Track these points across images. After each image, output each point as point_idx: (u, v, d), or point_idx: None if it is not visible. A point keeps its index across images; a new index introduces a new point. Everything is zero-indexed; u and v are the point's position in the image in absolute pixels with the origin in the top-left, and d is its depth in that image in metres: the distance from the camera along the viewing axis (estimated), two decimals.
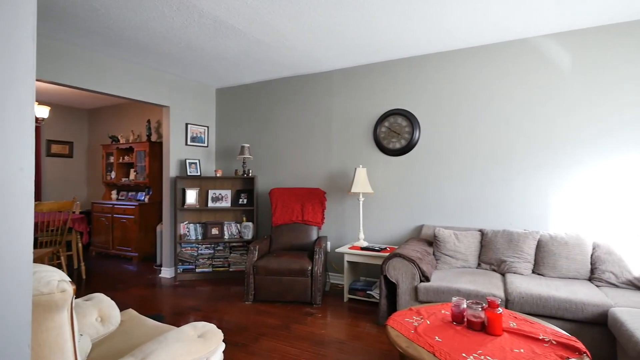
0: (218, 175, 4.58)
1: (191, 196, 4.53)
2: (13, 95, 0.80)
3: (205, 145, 5.01)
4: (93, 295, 1.93)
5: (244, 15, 2.89)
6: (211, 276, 4.45)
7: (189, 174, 4.54)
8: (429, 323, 1.94)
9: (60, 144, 6.53)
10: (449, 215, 3.63)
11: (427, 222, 3.73)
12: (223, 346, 1.66)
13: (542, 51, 3.22)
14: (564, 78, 3.16)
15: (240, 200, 4.63)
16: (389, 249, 3.58)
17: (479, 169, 3.50)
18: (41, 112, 5.43)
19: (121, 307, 2.23)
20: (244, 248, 4.54)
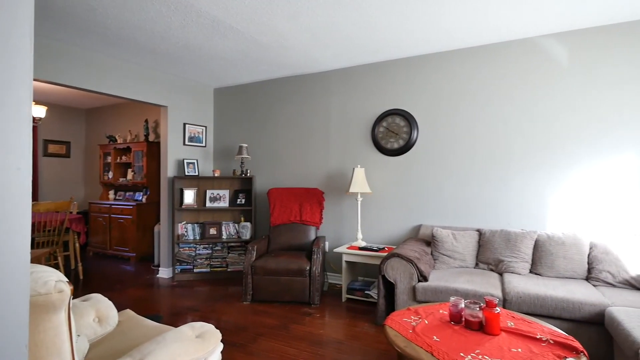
0: (216, 175, 4.58)
1: (189, 196, 4.52)
2: (11, 95, 0.80)
3: (203, 145, 5.00)
4: (90, 296, 1.93)
5: (242, 15, 2.88)
6: (209, 276, 4.44)
7: (186, 174, 4.54)
8: (427, 323, 1.94)
9: (57, 143, 6.50)
10: (447, 215, 3.64)
11: (425, 222, 3.74)
12: (221, 346, 1.66)
13: (541, 51, 3.24)
14: (562, 78, 3.17)
15: (239, 200, 4.63)
16: (387, 248, 3.59)
17: (477, 169, 3.51)
18: (38, 112, 5.41)
19: (119, 308, 2.22)
20: (242, 248, 4.54)
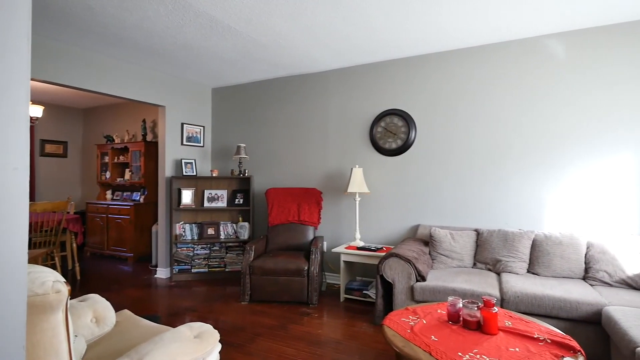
0: (214, 175, 4.57)
1: (187, 196, 4.51)
2: (8, 95, 0.79)
3: (201, 145, 4.99)
4: (88, 296, 1.92)
5: (240, 14, 2.88)
6: (207, 276, 4.43)
7: (184, 173, 4.53)
8: (425, 322, 1.94)
9: (55, 143, 6.47)
10: (444, 215, 3.65)
11: (423, 222, 3.74)
12: (219, 346, 1.65)
13: (540, 51, 3.25)
14: (560, 78, 3.18)
15: (237, 200, 4.62)
16: (385, 248, 3.59)
17: (475, 169, 3.51)
18: (35, 112, 5.38)
19: (116, 308, 2.21)
20: (240, 248, 4.53)
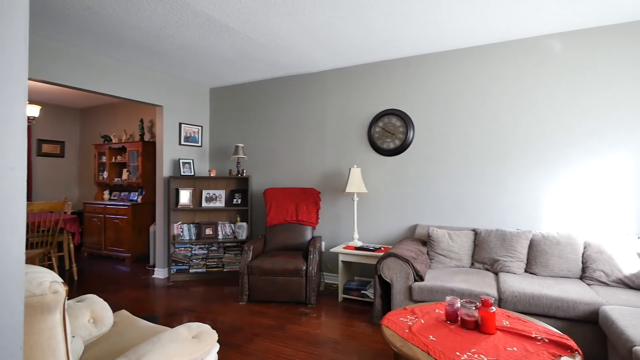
0: (212, 175, 4.56)
1: (185, 196, 4.50)
2: (5, 95, 0.79)
3: (199, 145, 4.98)
4: (85, 297, 1.91)
5: (239, 14, 2.88)
6: (205, 277, 4.42)
7: (182, 173, 4.51)
8: (423, 322, 1.95)
9: (52, 143, 6.45)
10: (442, 215, 3.65)
11: (421, 222, 3.75)
12: (217, 347, 1.65)
13: (538, 52, 3.26)
14: (558, 79, 3.19)
15: (235, 200, 4.61)
16: (383, 248, 3.59)
17: (473, 169, 3.52)
18: (32, 111, 5.36)
19: (114, 309, 2.20)
20: (238, 248, 4.53)
